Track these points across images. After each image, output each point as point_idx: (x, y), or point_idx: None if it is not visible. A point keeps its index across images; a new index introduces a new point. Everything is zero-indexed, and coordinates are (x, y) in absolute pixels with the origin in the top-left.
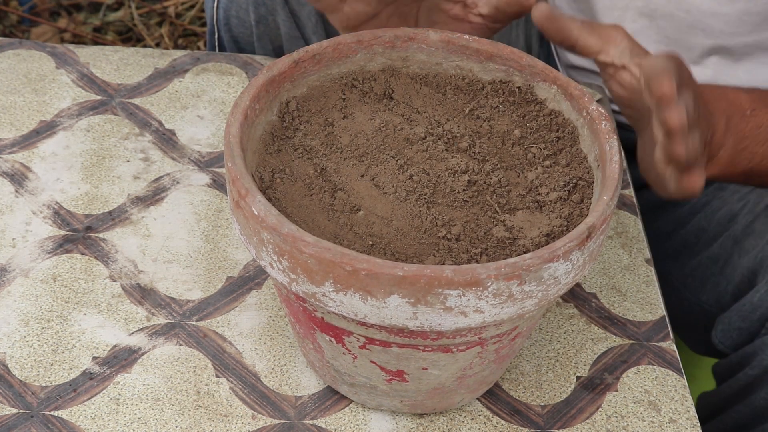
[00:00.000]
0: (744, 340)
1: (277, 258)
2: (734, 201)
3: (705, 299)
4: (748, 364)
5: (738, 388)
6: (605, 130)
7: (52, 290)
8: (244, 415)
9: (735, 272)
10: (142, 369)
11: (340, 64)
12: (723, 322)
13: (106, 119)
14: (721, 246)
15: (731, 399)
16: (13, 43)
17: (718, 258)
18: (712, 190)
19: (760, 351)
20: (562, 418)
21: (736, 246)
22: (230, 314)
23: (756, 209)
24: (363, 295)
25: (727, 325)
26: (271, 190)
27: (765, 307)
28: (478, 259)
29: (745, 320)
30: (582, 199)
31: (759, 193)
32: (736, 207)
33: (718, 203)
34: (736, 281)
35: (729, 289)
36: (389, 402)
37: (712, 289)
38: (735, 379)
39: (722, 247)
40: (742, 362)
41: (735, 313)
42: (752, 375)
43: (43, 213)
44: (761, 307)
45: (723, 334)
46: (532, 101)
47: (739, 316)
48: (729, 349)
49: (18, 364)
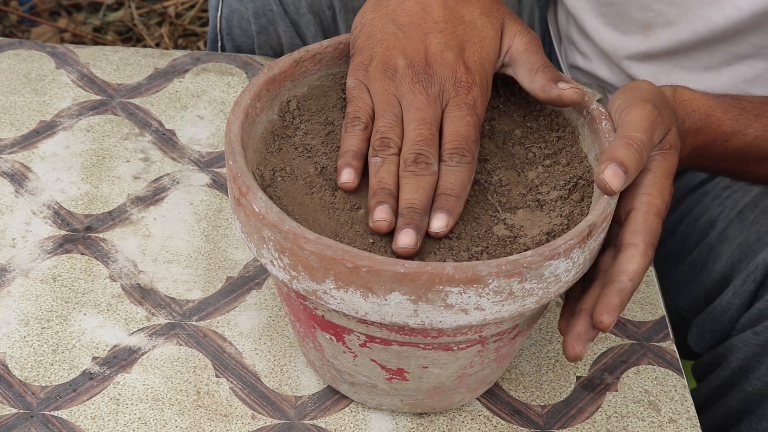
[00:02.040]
0: (717, 341)
1: (278, 255)
2: (714, 206)
3: (682, 305)
4: (719, 365)
5: (712, 389)
6: (605, 130)
7: (52, 290)
8: (244, 415)
9: (708, 278)
10: (142, 369)
11: (340, 63)
12: (697, 324)
13: (106, 119)
14: (699, 253)
15: (707, 399)
16: (13, 43)
17: (696, 265)
18: (696, 196)
19: (729, 353)
20: (562, 418)
21: (711, 252)
22: (230, 314)
23: (730, 215)
24: (364, 293)
25: (700, 327)
26: (272, 188)
27: (733, 310)
28: (479, 257)
29: (717, 323)
30: (582, 198)
31: (734, 199)
32: (714, 213)
33: (701, 209)
34: (708, 287)
35: (701, 295)
36: (389, 401)
37: (687, 295)
38: (708, 380)
39: (700, 253)
40: (714, 362)
41: (707, 316)
42: (724, 376)
43: (43, 213)
44: (730, 309)
45: (697, 336)
46: (532, 101)
47: (711, 318)
48: (703, 351)
49: (18, 364)
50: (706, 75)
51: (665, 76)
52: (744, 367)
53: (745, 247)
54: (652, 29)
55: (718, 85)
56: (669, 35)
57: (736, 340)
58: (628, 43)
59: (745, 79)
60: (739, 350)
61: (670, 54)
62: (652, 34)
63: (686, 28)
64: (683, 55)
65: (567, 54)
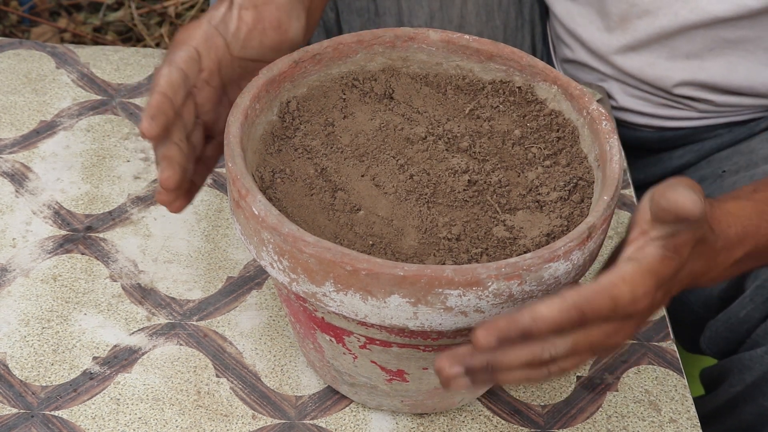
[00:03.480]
0: (730, 349)
1: (278, 258)
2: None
3: (693, 300)
4: (728, 378)
5: (723, 400)
6: (605, 130)
7: (52, 290)
8: (244, 415)
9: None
10: (143, 369)
11: (340, 64)
12: (710, 329)
13: (107, 119)
14: None
15: (719, 410)
16: (13, 43)
17: None
18: (716, 187)
19: (740, 370)
20: (562, 418)
21: None
22: (230, 314)
23: None
24: (363, 295)
25: (714, 332)
26: (272, 190)
27: (751, 323)
28: (479, 259)
29: (732, 332)
30: (582, 199)
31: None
32: None
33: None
34: (723, 286)
35: (715, 293)
36: (389, 402)
37: (700, 291)
38: (717, 392)
39: None
40: (724, 373)
41: (722, 324)
42: (736, 391)
43: (44, 213)
44: (747, 322)
45: (710, 341)
46: (532, 101)
47: (726, 326)
48: (716, 356)
49: (18, 364)
50: (689, 63)
51: (650, 68)
52: (759, 382)
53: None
54: (630, 21)
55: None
56: (647, 25)
57: (747, 357)
58: (610, 39)
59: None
60: (753, 369)
61: (651, 44)
62: (630, 26)
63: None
64: (664, 44)
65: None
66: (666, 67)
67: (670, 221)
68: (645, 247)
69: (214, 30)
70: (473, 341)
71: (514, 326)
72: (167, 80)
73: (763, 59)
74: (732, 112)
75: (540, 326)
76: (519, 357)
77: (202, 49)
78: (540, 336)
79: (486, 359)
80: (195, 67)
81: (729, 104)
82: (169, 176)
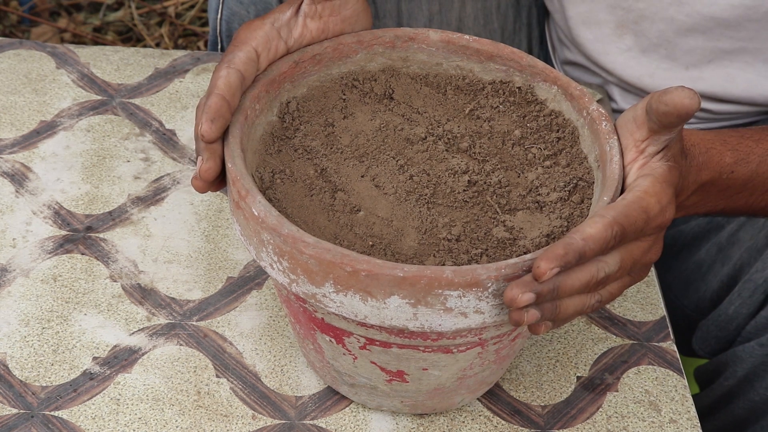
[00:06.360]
0: (721, 347)
1: (278, 259)
2: None
3: (686, 303)
4: (722, 373)
5: (716, 396)
6: (605, 131)
7: (52, 290)
8: (244, 416)
9: (715, 279)
10: (143, 369)
11: (340, 64)
12: (701, 329)
13: (107, 119)
14: (707, 252)
15: (712, 406)
16: (13, 43)
17: (702, 264)
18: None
19: (734, 363)
20: (562, 418)
21: (720, 254)
22: (230, 314)
23: (741, 218)
24: (363, 296)
25: (705, 332)
26: (272, 190)
27: (740, 319)
28: (479, 259)
29: (722, 330)
30: (582, 200)
31: None
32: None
33: None
34: (715, 287)
35: (707, 295)
36: (389, 402)
37: (693, 293)
38: (712, 388)
39: (708, 253)
40: (718, 369)
41: (712, 322)
42: (729, 385)
43: (44, 213)
44: (737, 318)
45: (702, 341)
46: (532, 101)
47: (716, 325)
48: (707, 355)
49: (18, 364)
50: (688, 74)
51: (649, 79)
52: (750, 376)
53: (755, 251)
54: (627, 26)
55: (701, 84)
56: (644, 30)
57: (740, 350)
58: (609, 47)
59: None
60: (745, 360)
61: (649, 51)
62: (628, 32)
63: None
64: (662, 53)
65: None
66: (665, 77)
67: (675, 123)
68: (649, 163)
69: (276, 33)
70: (535, 274)
71: (570, 249)
72: (226, 82)
73: (762, 71)
74: (730, 118)
75: (591, 245)
76: (580, 278)
77: (262, 50)
78: (592, 255)
79: (552, 283)
80: (253, 68)
81: (727, 112)
82: (209, 167)
